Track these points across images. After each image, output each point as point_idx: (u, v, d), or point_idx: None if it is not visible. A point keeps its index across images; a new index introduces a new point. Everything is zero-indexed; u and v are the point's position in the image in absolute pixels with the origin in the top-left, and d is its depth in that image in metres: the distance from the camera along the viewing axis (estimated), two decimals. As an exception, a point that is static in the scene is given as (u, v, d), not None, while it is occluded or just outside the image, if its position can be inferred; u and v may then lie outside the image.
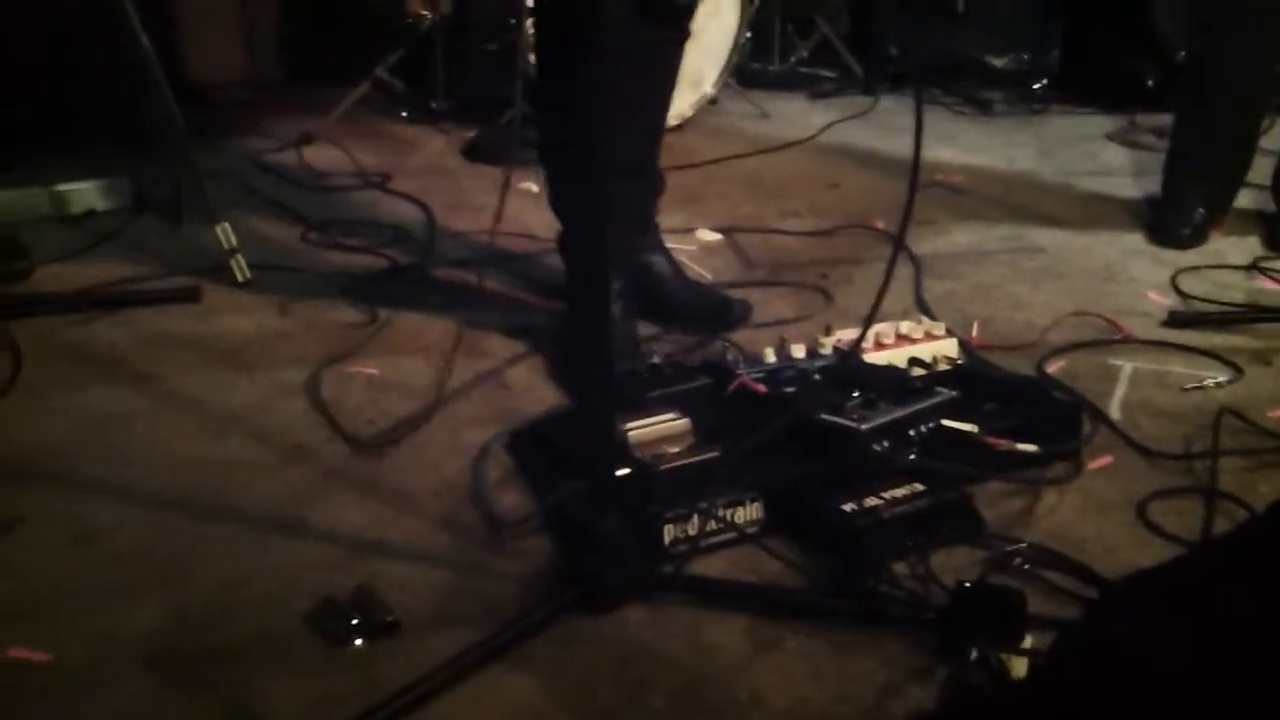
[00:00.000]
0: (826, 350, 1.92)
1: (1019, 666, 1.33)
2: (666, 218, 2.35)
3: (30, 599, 1.51)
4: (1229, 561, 1.10)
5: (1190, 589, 1.06)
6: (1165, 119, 3.18)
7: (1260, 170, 2.95)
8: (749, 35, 4.15)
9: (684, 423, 1.69)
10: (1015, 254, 2.76)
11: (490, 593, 1.53)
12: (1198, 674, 0.99)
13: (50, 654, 1.40)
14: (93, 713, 1.33)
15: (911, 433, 1.71)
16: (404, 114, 3.86)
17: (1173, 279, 2.57)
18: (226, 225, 2.49)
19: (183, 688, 1.36)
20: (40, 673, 1.38)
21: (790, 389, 1.81)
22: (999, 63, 4.45)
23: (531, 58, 3.33)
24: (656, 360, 1.91)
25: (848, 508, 1.58)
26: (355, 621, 1.43)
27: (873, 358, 1.91)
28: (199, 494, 1.73)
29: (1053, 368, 2.14)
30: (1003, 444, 1.72)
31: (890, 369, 1.88)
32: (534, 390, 2.07)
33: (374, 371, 2.12)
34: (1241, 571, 1.06)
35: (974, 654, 1.34)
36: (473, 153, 3.51)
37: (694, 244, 2.75)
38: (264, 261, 2.55)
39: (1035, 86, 4.27)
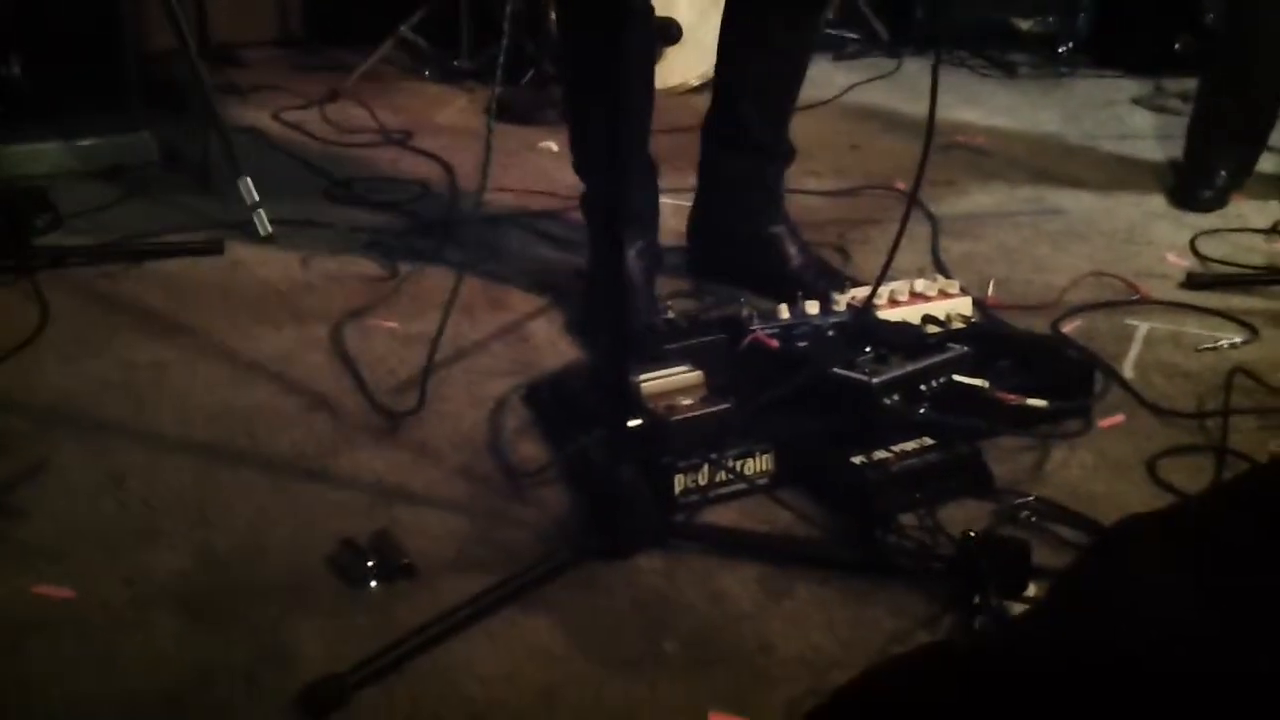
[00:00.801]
0: (841, 307, 1.94)
1: (1022, 614, 1.36)
2: (688, 176, 2.36)
3: (59, 539, 1.55)
4: (1231, 507, 1.11)
5: (1189, 534, 1.07)
6: (1193, 83, 3.15)
7: (1282, 134, 2.93)
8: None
9: (696, 375, 1.72)
10: (1037, 216, 2.76)
11: (506, 540, 1.56)
12: (1196, 620, 1.01)
13: (76, 591, 1.45)
14: (121, 649, 1.37)
15: (923, 387, 1.73)
16: (426, 73, 3.86)
17: (1192, 241, 2.57)
18: (249, 180, 2.52)
19: (209, 626, 1.41)
20: (67, 610, 1.42)
21: (803, 344, 1.83)
22: (1025, 25, 4.40)
23: (552, 16, 3.38)
24: (671, 316, 1.93)
25: (857, 460, 1.61)
26: (371, 564, 1.47)
27: (887, 315, 1.92)
28: (226, 441, 1.78)
29: (1068, 327, 2.15)
30: (1012, 399, 1.74)
31: (903, 325, 1.90)
32: (553, 344, 2.10)
33: (395, 325, 2.15)
34: (1241, 518, 1.07)
35: (978, 601, 1.37)
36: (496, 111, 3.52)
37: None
38: (288, 217, 2.57)
39: (1061, 50, 4.23)
